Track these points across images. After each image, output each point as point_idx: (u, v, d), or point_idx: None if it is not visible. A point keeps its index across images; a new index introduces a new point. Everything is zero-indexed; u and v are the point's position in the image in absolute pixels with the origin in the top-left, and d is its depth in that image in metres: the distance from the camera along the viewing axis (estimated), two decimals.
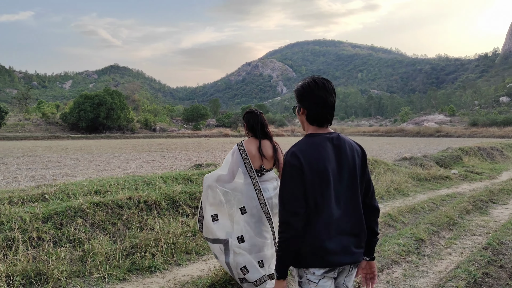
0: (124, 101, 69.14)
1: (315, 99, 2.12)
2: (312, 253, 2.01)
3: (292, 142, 6.70)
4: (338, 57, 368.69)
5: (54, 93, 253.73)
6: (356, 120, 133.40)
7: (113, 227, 4.61)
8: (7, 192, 5.08)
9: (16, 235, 3.86)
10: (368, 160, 10.47)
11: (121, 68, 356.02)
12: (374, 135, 63.13)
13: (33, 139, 46.02)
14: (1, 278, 3.32)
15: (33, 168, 13.22)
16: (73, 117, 61.83)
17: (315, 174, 2.00)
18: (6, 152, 21.82)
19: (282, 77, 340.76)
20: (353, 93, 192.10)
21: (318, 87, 2.12)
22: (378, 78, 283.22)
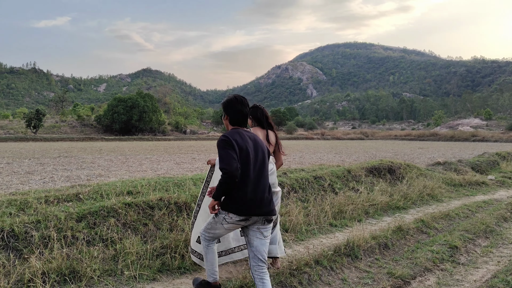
0: (156, 104, 70.40)
1: (234, 110, 3.34)
2: (235, 204, 3.07)
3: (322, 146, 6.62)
4: (369, 60, 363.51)
5: (89, 96, 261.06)
6: (387, 124, 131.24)
7: (144, 227, 4.68)
8: (43, 192, 5.24)
9: (51, 234, 3.97)
10: (400, 164, 10.27)
11: (153, 71, 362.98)
12: (406, 139, 61.84)
13: (69, 141, 47.45)
14: (37, 275, 3.42)
15: (68, 168, 13.61)
16: (107, 119, 63.42)
17: (240, 149, 3.07)
18: (43, 153, 22.58)
19: (312, 80, 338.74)
20: (384, 96, 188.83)
21: (237, 102, 3.35)
22: (410, 81, 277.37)
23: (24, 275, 3.39)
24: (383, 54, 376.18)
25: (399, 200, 7.81)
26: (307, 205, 6.54)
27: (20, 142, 43.23)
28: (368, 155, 21.79)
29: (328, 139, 66.46)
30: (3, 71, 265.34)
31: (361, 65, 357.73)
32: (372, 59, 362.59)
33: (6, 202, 4.50)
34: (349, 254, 4.64)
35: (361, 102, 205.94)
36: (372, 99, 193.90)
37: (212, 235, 3.35)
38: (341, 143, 45.93)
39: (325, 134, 73.93)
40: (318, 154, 23.58)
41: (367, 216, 6.82)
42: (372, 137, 69.75)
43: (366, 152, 25.22)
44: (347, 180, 8.44)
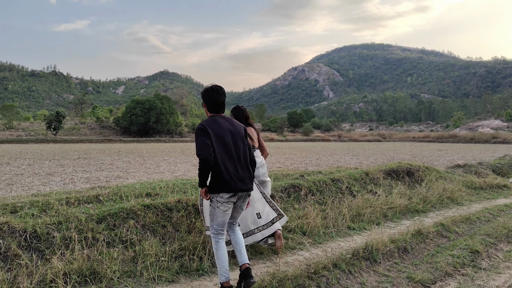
0: (173, 106, 70.98)
1: (211, 98, 3.67)
2: (222, 184, 3.47)
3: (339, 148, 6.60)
4: (386, 61, 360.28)
5: (107, 98, 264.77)
6: (405, 125, 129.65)
7: (163, 229, 4.72)
8: (64, 193, 5.33)
9: (72, 235, 4.03)
10: (419, 166, 10.13)
11: (170, 74, 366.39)
12: (424, 141, 60.98)
13: (88, 142, 48.16)
14: (59, 275, 3.47)
15: (87, 170, 13.82)
16: (125, 121, 64.19)
17: (216, 136, 3.49)
18: (63, 155, 22.96)
19: (328, 81, 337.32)
20: (402, 98, 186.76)
21: (213, 91, 3.67)
22: (428, 82, 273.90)
23: (46, 276, 3.45)
24: (401, 55, 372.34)
25: (418, 203, 7.71)
26: (325, 208, 6.50)
27: (40, 143, 44.06)
28: (386, 157, 21.57)
29: (345, 141, 66.01)
30: (25, 74, 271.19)
31: (378, 66, 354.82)
32: (390, 60, 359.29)
33: (29, 203, 4.59)
34: (368, 257, 4.59)
35: (378, 104, 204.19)
36: (390, 101, 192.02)
37: (217, 226, 3.64)
38: (358, 145, 45.59)
39: (342, 136, 73.43)
40: (335, 156, 23.44)
41: (385, 219, 6.75)
42: (389, 139, 69.01)
43: (383, 154, 24.98)
44: (365, 183, 8.36)
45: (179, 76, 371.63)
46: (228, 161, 3.52)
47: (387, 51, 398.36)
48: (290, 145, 44.93)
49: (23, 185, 9.81)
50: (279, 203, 6.34)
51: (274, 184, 6.96)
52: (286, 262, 4.46)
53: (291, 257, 4.70)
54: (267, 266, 4.35)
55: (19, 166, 15.26)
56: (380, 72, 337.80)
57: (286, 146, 40.83)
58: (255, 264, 4.41)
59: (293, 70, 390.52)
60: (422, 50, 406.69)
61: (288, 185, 7.02)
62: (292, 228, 5.51)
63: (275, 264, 4.39)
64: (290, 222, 5.62)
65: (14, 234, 3.85)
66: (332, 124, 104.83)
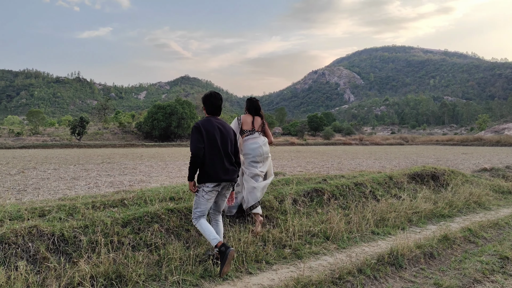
0: (193, 110, 71.51)
1: (210, 103, 4.41)
2: (208, 175, 4.15)
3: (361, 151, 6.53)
4: (408, 63, 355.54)
5: (130, 103, 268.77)
6: (428, 129, 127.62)
7: (187, 233, 4.75)
8: (90, 197, 5.42)
9: (99, 238, 4.09)
10: (444, 170, 9.94)
11: (191, 79, 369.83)
12: (448, 144, 59.84)
13: (111, 147, 48.93)
14: (86, 278, 3.53)
15: (111, 174, 14.02)
16: (147, 126, 65.01)
17: (208, 134, 4.18)
18: (87, 159, 23.39)
19: (349, 84, 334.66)
20: (424, 100, 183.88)
21: (212, 97, 4.41)
22: (452, 84, 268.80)
23: (74, 279, 3.51)
24: (423, 57, 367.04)
25: (443, 207, 7.55)
26: (348, 212, 6.43)
27: (65, 148, 44.99)
28: (409, 161, 21.24)
29: (366, 144, 65.29)
30: (50, 80, 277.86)
31: (400, 68, 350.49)
32: (412, 63, 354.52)
33: (56, 207, 4.68)
34: (393, 263, 4.52)
35: (400, 107, 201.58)
36: (412, 104, 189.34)
37: (199, 212, 4.28)
38: (380, 149, 45.03)
39: (363, 140, 72.64)
40: (357, 160, 23.20)
41: (410, 224, 6.63)
42: (412, 143, 67.94)
43: (406, 158, 24.60)
44: (389, 187, 8.25)
45: (199, 81, 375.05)
46: (216, 156, 4.21)
47: (409, 53, 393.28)
48: (310, 149, 44.70)
49: (50, 189, 10.03)
50: (302, 207, 6.31)
51: (297, 188, 6.93)
52: (310, 267, 4.43)
53: (315, 262, 4.66)
54: (291, 271, 4.32)
55: (45, 170, 15.61)
56: (402, 75, 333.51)
57: (307, 150, 40.64)
58: (279, 269, 4.38)
59: (313, 74, 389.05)
60: (445, 51, 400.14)
61: (311, 189, 6.98)
62: (315, 232, 5.47)
63: (298, 269, 4.35)
64: (313, 227, 5.59)
65: (42, 237, 3.93)
66: (353, 127, 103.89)
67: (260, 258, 4.56)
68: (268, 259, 4.58)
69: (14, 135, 60.00)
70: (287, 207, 6.10)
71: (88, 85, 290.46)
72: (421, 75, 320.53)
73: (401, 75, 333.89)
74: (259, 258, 4.56)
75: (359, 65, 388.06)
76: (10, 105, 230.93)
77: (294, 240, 5.12)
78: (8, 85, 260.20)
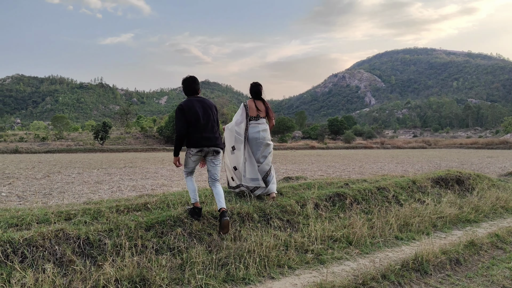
0: None
1: (186, 85, 5.20)
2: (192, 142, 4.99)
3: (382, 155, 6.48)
4: (430, 66, 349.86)
5: (151, 108, 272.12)
6: (451, 132, 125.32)
7: (209, 237, 4.77)
8: (114, 201, 5.50)
9: (123, 242, 4.15)
10: (469, 174, 9.73)
11: (211, 83, 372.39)
12: (472, 148, 58.61)
13: (133, 151, 49.61)
14: (111, 282, 3.57)
15: (133, 178, 14.22)
16: (168, 131, 65.69)
17: (190, 111, 4.97)
18: (110, 163, 23.77)
19: (370, 87, 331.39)
20: (447, 103, 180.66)
21: (188, 80, 5.19)
22: (476, 86, 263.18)
23: (99, 282, 3.56)
24: (446, 59, 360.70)
25: (469, 212, 7.39)
26: (371, 217, 6.35)
27: (88, 153, 45.83)
28: (432, 165, 20.88)
29: (388, 148, 64.49)
30: (74, 86, 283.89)
31: (422, 71, 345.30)
32: (434, 65, 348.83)
33: (81, 211, 4.77)
34: (418, 269, 4.44)
35: (422, 110, 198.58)
36: (435, 106, 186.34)
37: (186, 170, 5.21)
38: (402, 152, 44.38)
39: (384, 143, 71.79)
40: (379, 163, 22.94)
41: (435, 229, 6.50)
42: (435, 146, 66.77)
43: (429, 162, 24.20)
44: (412, 191, 8.12)
45: (219, 85, 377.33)
46: (199, 127, 5.01)
47: (431, 55, 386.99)
48: (331, 153, 44.40)
49: (74, 193, 10.22)
50: (324, 212, 6.27)
51: (318, 192, 6.89)
52: (332, 272, 4.39)
53: (338, 267, 4.61)
54: (314, 276, 4.29)
55: (69, 174, 15.93)
56: (424, 77, 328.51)
57: (327, 154, 40.37)
58: (301, 274, 4.36)
59: (333, 77, 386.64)
60: (468, 53, 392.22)
61: (333, 193, 6.92)
62: (338, 237, 5.42)
63: (321, 274, 4.32)
64: (335, 232, 5.54)
65: (68, 240, 4.00)
66: (375, 131, 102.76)
67: (282, 263, 4.54)
68: (290, 264, 4.56)
69: (39, 140, 61.46)
70: (309, 211, 6.06)
71: (110, 91, 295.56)
72: (443, 77, 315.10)
73: (423, 77, 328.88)
74: (281, 263, 4.54)
75: (380, 67, 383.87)
76: (36, 111, 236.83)
77: (316, 245, 5.08)
78: (34, 91, 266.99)
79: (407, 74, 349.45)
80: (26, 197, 9.55)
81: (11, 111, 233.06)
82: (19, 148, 47.05)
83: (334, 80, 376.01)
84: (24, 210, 4.88)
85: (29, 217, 4.44)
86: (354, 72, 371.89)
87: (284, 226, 5.58)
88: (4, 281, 3.34)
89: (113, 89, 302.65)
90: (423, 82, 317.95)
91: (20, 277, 3.38)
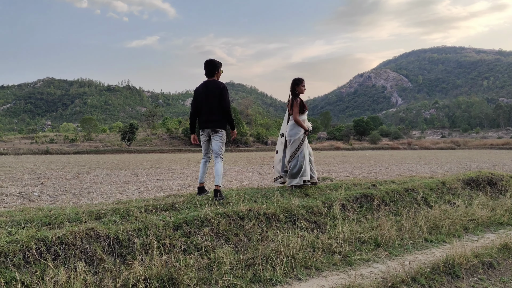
0: (238, 116, 72.27)
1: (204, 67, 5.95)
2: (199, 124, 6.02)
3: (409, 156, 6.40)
4: (459, 65, 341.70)
5: (176, 110, 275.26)
6: (481, 132, 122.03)
7: (236, 237, 4.78)
8: (142, 201, 5.58)
9: (151, 241, 4.20)
10: (502, 176, 9.45)
11: (236, 85, 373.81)
12: (504, 148, 56.90)
13: (159, 152, 50.28)
14: (140, 280, 3.62)
15: (160, 178, 14.39)
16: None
17: (199, 95, 5.93)
18: (137, 164, 24.15)
19: (396, 87, 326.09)
20: (477, 103, 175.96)
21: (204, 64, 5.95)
22: (508, 85, 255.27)
23: (129, 280, 3.61)
24: (475, 57, 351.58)
25: (503, 215, 7.16)
26: (399, 219, 6.24)
27: (116, 154, 46.72)
28: (461, 166, 20.37)
29: (415, 149, 63.31)
30: (102, 89, 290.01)
31: (450, 70, 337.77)
32: (463, 64, 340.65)
33: (111, 210, 4.86)
34: (449, 272, 4.33)
35: (450, 110, 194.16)
36: (464, 106, 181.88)
37: (203, 150, 6.17)
38: (429, 153, 43.48)
39: (411, 144, 70.52)
40: (406, 165, 22.52)
41: (466, 232, 6.33)
42: (464, 147, 65.21)
43: (459, 163, 23.61)
44: (442, 193, 7.93)
45: (244, 86, 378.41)
46: (202, 111, 5.90)
47: (460, 54, 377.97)
48: (357, 154, 43.89)
49: (103, 193, 10.42)
50: (351, 213, 6.19)
51: (345, 193, 6.81)
52: (361, 274, 4.33)
53: (366, 269, 4.54)
54: (341, 278, 4.24)
55: (98, 175, 16.25)
56: (453, 76, 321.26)
57: (353, 155, 39.92)
58: (329, 276, 4.31)
59: (359, 77, 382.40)
60: (499, 51, 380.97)
61: (360, 194, 6.83)
62: (366, 239, 5.34)
63: (349, 276, 4.26)
64: (363, 233, 5.46)
65: (99, 239, 4.08)
66: (401, 131, 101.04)
67: (309, 264, 4.51)
68: (318, 265, 4.52)
69: (69, 141, 63.06)
70: (336, 212, 6.00)
71: (137, 93, 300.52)
72: (473, 76, 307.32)
73: (452, 76, 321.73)
74: (308, 264, 4.51)
75: (406, 67, 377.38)
76: (66, 113, 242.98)
77: (344, 247, 5.02)
78: (63, 94, 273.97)
79: (435, 73, 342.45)
80: (57, 197, 9.79)
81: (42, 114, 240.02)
82: (50, 149, 48.39)
83: (359, 80, 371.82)
84: (56, 209, 5.01)
85: (61, 216, 4.55)
86: (380, 72, 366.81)
87: (311, 227, 5.54)
88: (38, 278, 3.43)
89: (140, 91, 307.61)
90: (451, 82, 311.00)
91: (53, 274, 3.46)
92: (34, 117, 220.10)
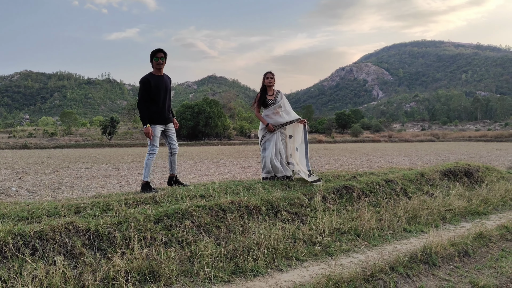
0: (221, 109, 72.04)
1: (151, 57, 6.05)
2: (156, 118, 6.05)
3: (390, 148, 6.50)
4: (438, 58, 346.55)
5: None
6: (460, 125, 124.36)
7: (217, 230, 4.79)
8: (123, 195, 5.55)
9: (132, 235, 4.18)
10: (478, 167, 9.67)
11: (218, 78, 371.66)
12: (481, 140, 58.19)
13: (141, 146, 49.86)
14: (121, 273, 3.61)
15: (141, 172, 14.28)
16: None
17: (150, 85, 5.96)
18: (118, 158, 23.91)
19: (377, 81, 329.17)
20: (456, 96, 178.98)
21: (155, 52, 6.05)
22: (485, 78, 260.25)
23: (109, 274, 3.60)
24: (454, 51, 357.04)
25: (478, 205, 7.35)
26: (379, 210, 6.34)
27: (97, 148, 46.15)
28: (440, 158, 20.77)
29: (396, 141, 64.22)
30: (81, 82, 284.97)
31: (430, 63, 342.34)
32: (442, 57, 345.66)
33: (91, 204, 4.81)
34: (426, 261, 4.43)
35: (430, 103, 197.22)
36: (443, 99, 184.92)
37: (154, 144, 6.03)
38: (410, 146, 44.17)
39: (392, 136, 71.51)
40: (386, 157, 22.85)
41: (443, 221, 6.48)
42: (443, 139, 66.43)
43: (438, 155, 24.06)
44: (421, 184, 8.08)
45: (226, 80, 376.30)
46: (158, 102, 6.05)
47: (440, 48, 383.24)
48: (338, 146, 44.29)
49: (83, 187, 10.31)
50: (332, 205, 6.27)
51: (326, 185, 6.89)
52: (340, 264, 4.39)
53: (346, 259, 4.62)
54: (322, 268, 4.30)
55: (78, 169, 16.05)
56: (432, 70, 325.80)
57: (335, 148, 40.29)
58: (309, 266, 4.37)
59: (340, 71, 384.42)
60: (477, 45, 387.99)
61: (340, 186, 6.92)
62: (346, 230, 5.42)
63: (329, 266, 4.33)
64: (343, 224, 5.54)
65: (78, 233, 4.04)
66: (382, 124, 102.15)
67: (290, 255, 4.56)
68: (299, 256, 4.58)
69: (48, 135, 61.95)
70: (316, 204, 6.07)
71: (118, 86, 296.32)
72: (452, 69, 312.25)
73: (432, 70, 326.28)
74: (289, 255, 4.56)
75: (387, 60, 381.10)
76: (44, 107, 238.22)
77: (324, 237, 5.09)
78: (42, 87, 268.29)
79: (415, 67, 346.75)
80: (36, 192, 9.65)
81: (20, 107, 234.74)
82: (28, 143, 47.50)
83: (341, 74, 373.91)
84: (34, 204, 4.93)
85: (39, 210, 4.49)
86: (361, 66, 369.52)
87: (292, 219, 5.59)
88: (15, 273, 3.39)
89: (121, 84, 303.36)
90: (431, 75, 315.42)
91: (31, 269, 3.42)
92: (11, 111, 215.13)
